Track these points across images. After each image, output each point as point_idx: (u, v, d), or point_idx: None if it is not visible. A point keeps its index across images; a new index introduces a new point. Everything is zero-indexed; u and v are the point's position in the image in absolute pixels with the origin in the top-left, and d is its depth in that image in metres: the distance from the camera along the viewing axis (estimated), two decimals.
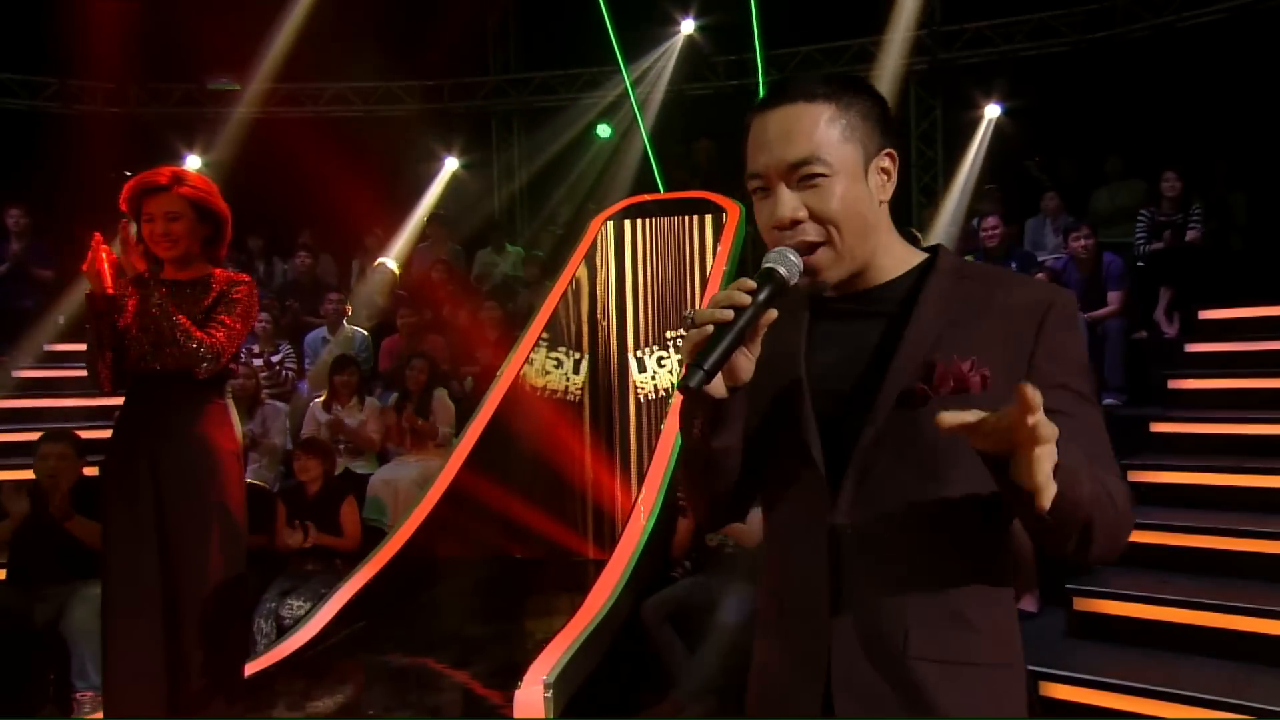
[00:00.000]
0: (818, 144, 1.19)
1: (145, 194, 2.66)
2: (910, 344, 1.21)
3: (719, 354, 1.11)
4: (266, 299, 6.64)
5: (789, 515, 1.28)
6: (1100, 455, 1.17)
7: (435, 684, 3.78)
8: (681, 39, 8.91)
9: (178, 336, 2.58)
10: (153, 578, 2.57)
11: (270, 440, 5.24)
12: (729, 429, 1.22)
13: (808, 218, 1.19)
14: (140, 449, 2.62)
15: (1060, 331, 1.20)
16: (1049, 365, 1.19)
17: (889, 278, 1.27)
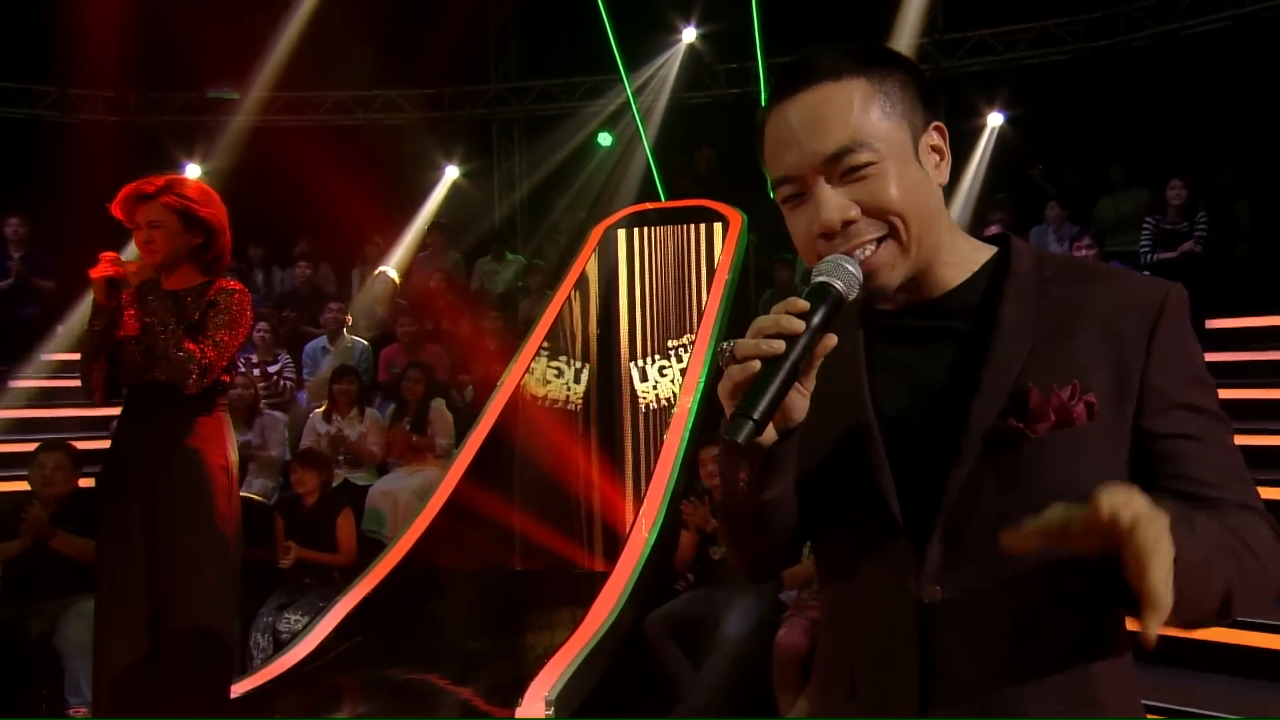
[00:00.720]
0: (857, 127, 0.98)
1: (136, 202, 2.64)
2: (995, 369, 1.00)
3: (770, 398, 0.92)
4: (265, 308, 6.60)
5: (860, 579, 1.07)
6: (1232, 484, 0.99)
7: (435, 700, 3.72)
8: (683, 47, 8.89)
9: (169, 347, 2.54)
10: (141, 593, 2.53)
11: (268, 451, 5.19)
12: (780, 479, 1.02)
13: (861, 215, 0.99)
14: (132, 462, 2.58)
15: (1175, 338, 1.00)
16: (1165, 381, 0.99)
17: (956, 283, 1.06)
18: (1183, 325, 1.01)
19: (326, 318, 6.10)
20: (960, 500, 1.00)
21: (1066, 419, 0.98)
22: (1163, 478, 0.99)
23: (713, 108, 9.11)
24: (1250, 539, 0.95)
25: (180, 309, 2.63)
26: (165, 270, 2.68)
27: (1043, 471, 0.98)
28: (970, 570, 1.00)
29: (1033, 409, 0.98)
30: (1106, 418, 0.98)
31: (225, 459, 2.67)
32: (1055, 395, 0.98)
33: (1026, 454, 0.98)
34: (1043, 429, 0.98)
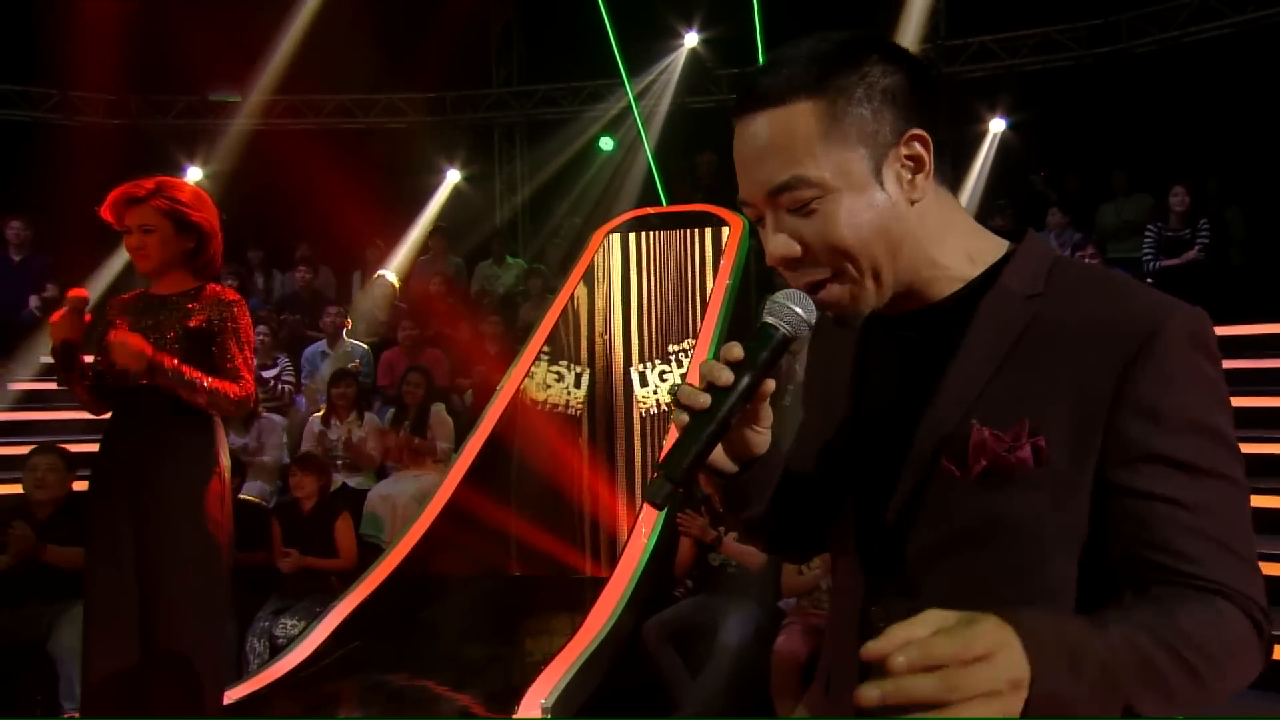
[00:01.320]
0: (800, 160, 0.92)
1: (127, 205, 2.59)
2: (945, 400, 0.94)
3: (693, 457, 0.89)
4: (264, 311, 6.59)
5: (840, 587, 1.08)
6: (1209, 559, 0.85)
7: (432, 706, 3.70)
8: (685, 52, 8.89)
9: (218, 402, 2.56)
10: (131, 598, 2.50)
11: (265, 455, 5.17)
12: (754, 499, 1.02)
13: (802, 254, 0.94)
14: (122, 467, 2.56)
15: (1160, 374, 0.87)
16: (1141, 426, 0.87)
17: (947, 294, 0.99)
18: (1178, 358, 0.87)
19: (325, 322, 6.08)
20: (898, 525, 0.97)
21: (1004, 464, 0.90)
22: (1126, 542, 0.88)
23: (715, 113, 9.10)
24: (1197, 643, 0.82)
25: (171, 314, 2.61)
26: (156, 275, 2.65)
27: (977, 511, 0.93)
28: (911, 592, 0.96)
29: (971, 448, 0.92)
30: (1060, 463, 0.89)
31: (218, 463, 2.65)
32: (1000, 437, 0.90)
33: (959, 493, 0.93)
34: (975, 471, 0.91)
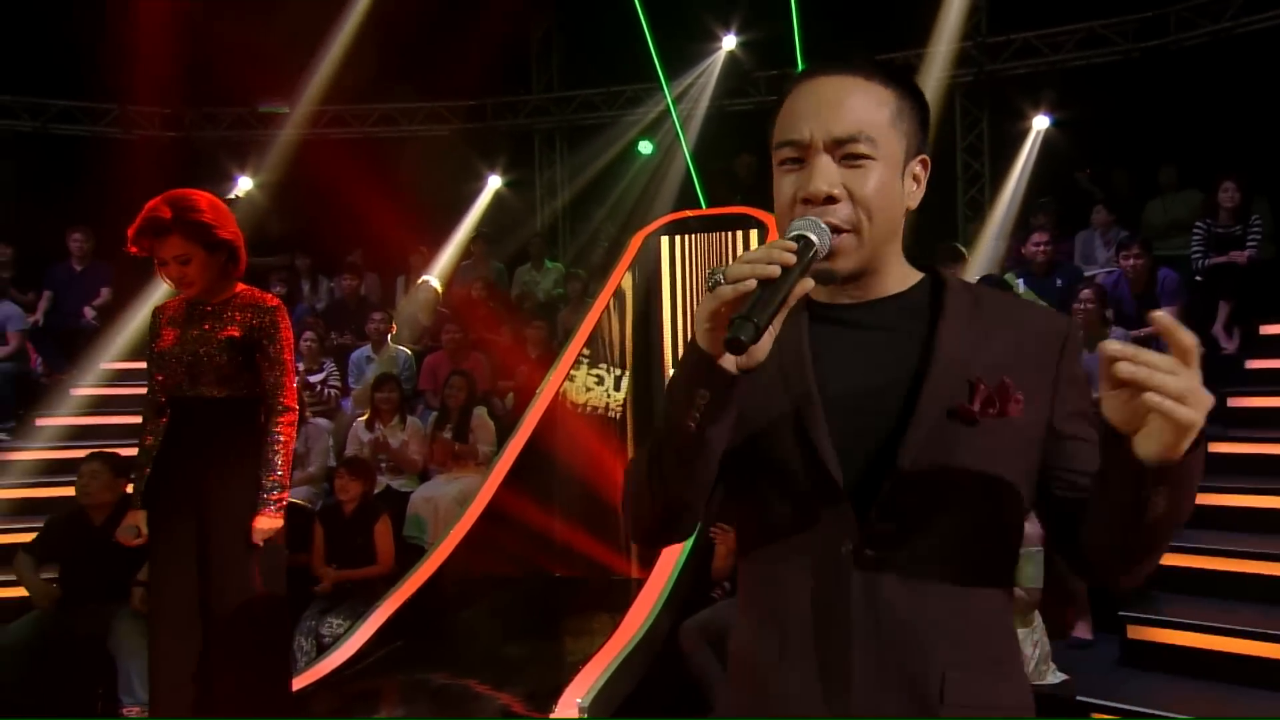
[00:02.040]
0: (871, 122, 1.11)
1: (152, 236, 2.62)
2: (943, 360, 1.12)
3: (772, 310, 0.97)
4: (310, 317, 6.74)
5: (794, 542, 1.13)
6: None
7: (472, 705, 3.77)
8: (723, 55, 8.89)
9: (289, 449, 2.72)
10: (193, 598, 2.60)
11: (312, 458, 5.29)
12: (725, 416, 1.07)
13: (845, 197, 1.10)
14: (180, 471, 2.66)
15: (1076, 361, 1.18)
16: (1071, 392, 1.16)
17: (897, 290, 1.18)
18: (1079, 351, 1.20)
19: (370, 328, 6.21)
20: (905, 473, 1.09)
21: (1005, 410, 1.11)
22: (1064, 471, 1.14)
23: (753, 114, 9.08)
24: None
25: (215, 322, 2.70)
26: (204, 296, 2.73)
27: (978, 452, 1.10)
28: (906, 534, 1.10)
29: (981, 400, 1.11)
30: (1030, 416, 1.13)
31: None
32: (1001, 384, 1.11)
33: (967, 436, 1.10)
34: (987, 415, 1.10)
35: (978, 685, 1.09)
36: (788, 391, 1.14)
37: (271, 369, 2.68)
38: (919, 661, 1.08)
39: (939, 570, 1.10)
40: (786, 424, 1.13)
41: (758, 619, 1.18)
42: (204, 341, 2.66)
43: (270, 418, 2.66)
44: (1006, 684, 1.13)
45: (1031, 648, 3.51)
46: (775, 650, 1.14)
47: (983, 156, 8.90)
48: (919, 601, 1.08)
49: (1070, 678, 3.58)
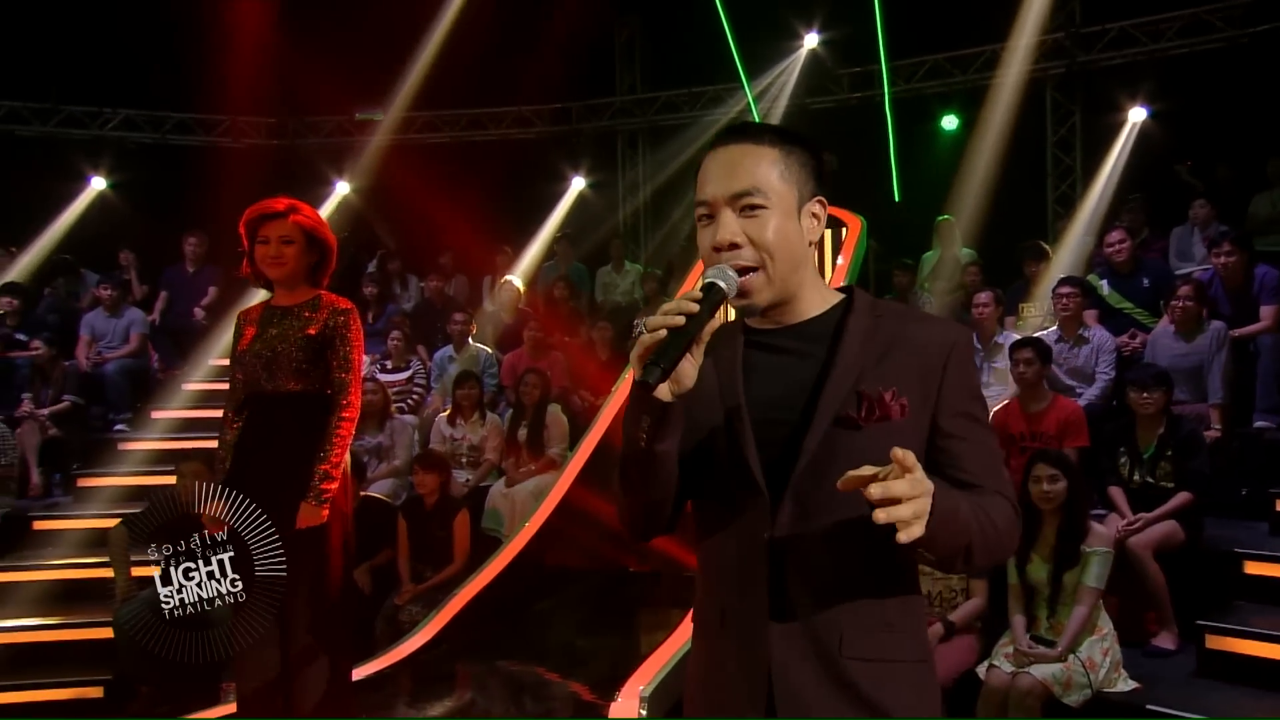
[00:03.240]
0: (760, 179, 1.35)
1: (263, 220, 2.90)
2: (838, 376, 1.35)
3: (673, 354, 1.24)
4: (397, 317, 7.03)
5: (728, 529, 1.38)
6: (991, 473, 1.38)
7: (542, 691, 3.92)
8: (804, 53, 8.86)
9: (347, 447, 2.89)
10: None
11: (397, 453, 5.53)
12: (671, 434, 1.32)
13: (746, 243, 1.34)
14: (257, 460, 2.87)
15: (961, 366, 1.39)
16: (953, 394, 1.37)
17: (814, 313, 1.42)
18: (969, 356, 1.42)
19: (451, 327, 6.44)
20: (806, 469, 1.33)
21: (887, 415, 1.34)
22: (945, 466, 1.36)
23: (835, 113, 9.03)
24: (994, 515, 1.33)
25: (292, 323, 2.91)
26: (285, 285, 2.95)
27: (866, 450, 1.29)
28: (810, 521, 1.33)
29: (864, 405, 1.34)
30: (914, 417, 1.35)
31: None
32: (881, 397, 1.34)
33: (857, 438, 1.33)
34: (870, 420, 1.33)
35: (871, 640, 1.34)
36: (724, 406, 1.39)
37: (340, 367, 2.88)
38: (821, 620, 1.33)
39: (837, 549, 1.33)
40: (721, 434, 1.38)
41: (706, 593, 1.44)
42: (282, 339, 2.87)
43: (333, 413, 2.84)
44: (897, 638, 1.35)
45: (1101, 655, 3.44)
46: (717, 619, 1.41)
47: (1074, 151, 8.62)
48: (821, 572, 1.34)
49: (1141, 686, 3.50)
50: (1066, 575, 3.48)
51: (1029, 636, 3.51)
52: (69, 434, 6.31)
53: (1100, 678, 3.44)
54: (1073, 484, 3.54)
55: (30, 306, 7.53)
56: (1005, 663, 3.46)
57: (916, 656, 1.37)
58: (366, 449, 5.58)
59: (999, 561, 1.42)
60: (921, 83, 8.89)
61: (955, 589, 3.79)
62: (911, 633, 1.38)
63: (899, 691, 1.34)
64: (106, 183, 9.40)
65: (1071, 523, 3.52)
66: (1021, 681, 3.35)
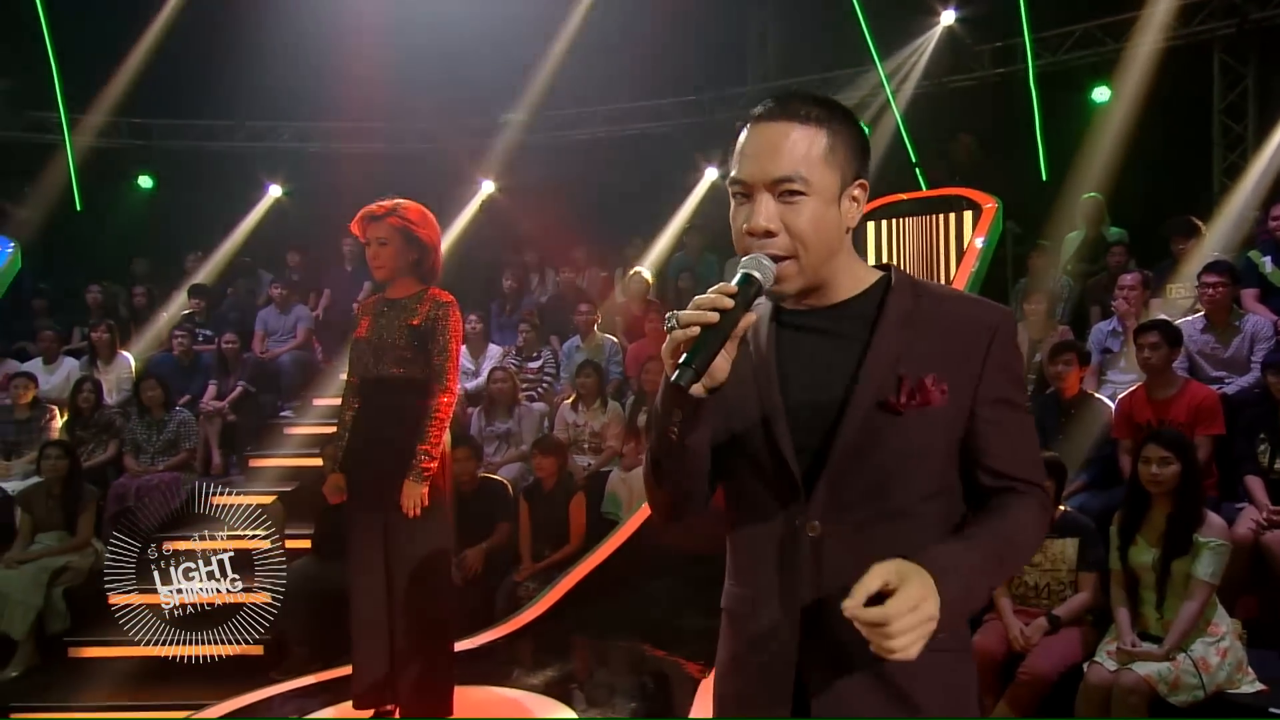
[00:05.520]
0: (803, 163, 1.28)
1: (365, 222, 3.18)
2: (876, 359, 1.30)
3: (705, 353, 1.19)
4: (528, 310, 7.37)
5: (760, 517, 1.35)
6: (1023, 463, 1.34)
7: (641, 665, 4.10)
8: (940, 30, 8.56)
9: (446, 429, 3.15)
10: (379, 554, 3.10)
11: (524, 438, 5.83)
12: (702, 429, 1.30)
13: (781, 230, 1.28)
14: (368, 439, 3.17)
15: (1004, 350, 1.33)
16: (994, 379, 1.32)
17: (850, 295, 1.36)
18: (1012, 340, 1.35)
19: (578, 318, 6.70)
20: (842, 457, 1.29)
21: (927, 400, 1.29)
22: (977, 453, 1.33)
23: (972, 91, 8.69)
24: (1018, 529, 1.31)
25: (400, 314, 3.18)
26: (390, 280, 3.23)
27: (906, 437, 1.29)
28: (845, 509, 1.30)
29: (905, 391, 1.29)
30: (953, 402, 1.30)
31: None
32: (921, 381, 1.29)
33: (895, 424, 1.29)
34: (910, 406, 1.28)
35: None
36: (758, 392, 1.35)
37: (439, 354, 3.13)
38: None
39: (874, 537, 1.29)
40: (756, 421, 1.34)
41: (739, 581, 1.41)
42: (390, 329, 3.17)
43: (433, 397, 3.10)
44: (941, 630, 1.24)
45: (1217, 655, 3.26)
46: (747, 607, 1.37)
47: (1246, 119, 7.94)
48: (855, 565, 1.23)
49: (1268, 689, 3.29)
50: (1175, 564, 3.31)
51: (1135, 634, 3.37)
52: (244, 419, 7.02)
53: (1221, 679, 3.26)
54: (1187, 468, 3.36)
55: (215, 305, 8.41)
56: (1109, 660, 3.33)
57: (952, 646, 1.30)
58: (496, 434, 5.92)
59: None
60: (1070, 54, 8.41)
61: (1063, 582, 3.67)
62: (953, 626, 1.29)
63: (932, 684, 1.29)
64: (282, 190, 10.27)
65: (1184, 508, 3.34)
66: (1124, 679, 3.22)
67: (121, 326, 7.67)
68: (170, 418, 6.22)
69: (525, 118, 10.06)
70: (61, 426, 6.28)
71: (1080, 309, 6.53)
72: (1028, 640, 3.49)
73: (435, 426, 3.07)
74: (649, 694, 3.90)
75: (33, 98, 9.39)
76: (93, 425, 6.29)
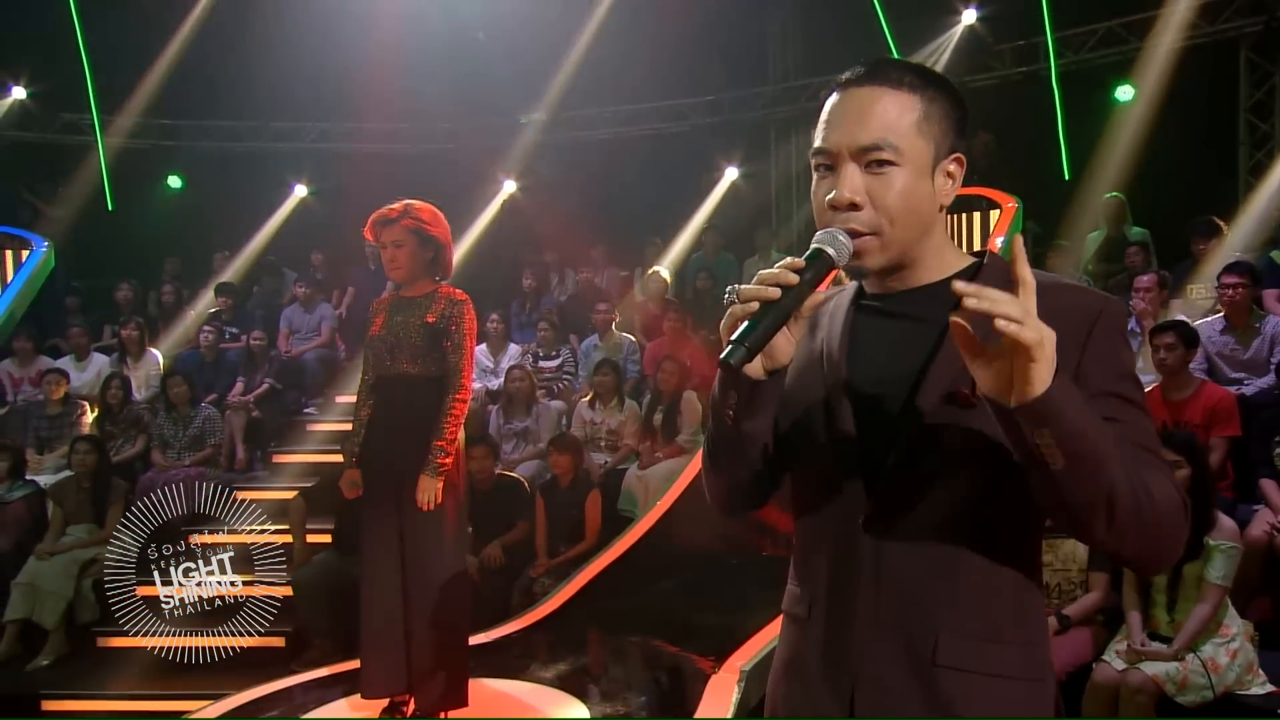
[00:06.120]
0: (894, 130, 1.17)
1: (378, 225, 3.24)
2: (950, 348, 1.14)
3: (761, 332, 1.09)
4: (547, 308, 7.43)
5: (822, 511, 1.25)
6: (1148, 457, 1.15)
7: (653, 660, 4.15)
8: (961, 29, 8.54)
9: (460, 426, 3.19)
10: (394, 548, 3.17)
11: (542, 435, 5.89)
12: (762, 414, 1.21)
13: (867, 204, 1.17)
14: (384, 435, 3.24)
15: (1108, 339, 1.17)
16: (1096, 371, 1.15)
17: (937, 279, 1.23)
18: (1118, 330, 1.19)
19: (595, 317, 6.76)
20: (910, 449, 1.18)
21: None
22: None
23: (991, 90, 8.65)
24: (1151, 484, 1.09)
25: (414, 313, 3.24)
26: (408, 281, 3.30)
27: (976, 433, 1.15)
28: (912, 509, 1.18)
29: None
30: None
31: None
32: None
33: (965, 418, 1.16)
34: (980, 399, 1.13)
35: (972, 648, 1.16)
36: (824, 378, 1.25)
37: (453, 352, 3.19)
38: (916, 622, 1.17)
39: (939, 540, 1.18)
40: (819, 407, 1.25)
41: (798, 581, 1.32)
42: (404, 327, 3.23)
43: (448, 394, 3.16)
44: (1005, 650, 1.17)
45: (1227, 656, 3.26)
46: (806, 608, 1.28)
47: (1273, 117, 7.86)
48: (920, 567, 1.17)
49: (1279, 690, 3.29)
50: (1187, 567, 3.31)
51: (1146, 634, 3.37)
52: (268, 415, 7.14)
53: (1231, 680, 3.26)
54: (1198, 471, 3.36)
55: (241, 303, 8.55)
56: (1117, 659, 3.34)
57: (1029, 674, 1.18)
58: (514, 432, 5.99)
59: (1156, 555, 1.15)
60: (1092, 52, 8.36)
61: (1074, 581, 3.68)
62: (1025, 644, 1.19)
63: (997, 711, 1.15)
64: (307, 190, 10.41)
65: (1195, 512, 3.31)
66: (1132, 678, 3.23)
67: (150, 324, 7.82)
68: (196, 414, 6.35)
69: (545, 118, 10.13)
70: (92, 422, 6.43)
71: None
72: None
73: (450, 423, 3.13)
74: (661, 689, 3.94)
75: (66, 100, 9.60)
76: (121, 421, 6.43)
